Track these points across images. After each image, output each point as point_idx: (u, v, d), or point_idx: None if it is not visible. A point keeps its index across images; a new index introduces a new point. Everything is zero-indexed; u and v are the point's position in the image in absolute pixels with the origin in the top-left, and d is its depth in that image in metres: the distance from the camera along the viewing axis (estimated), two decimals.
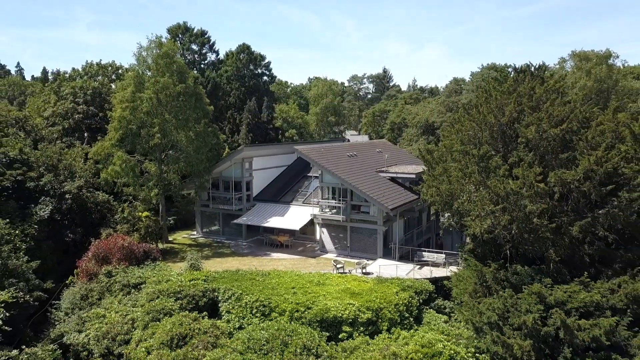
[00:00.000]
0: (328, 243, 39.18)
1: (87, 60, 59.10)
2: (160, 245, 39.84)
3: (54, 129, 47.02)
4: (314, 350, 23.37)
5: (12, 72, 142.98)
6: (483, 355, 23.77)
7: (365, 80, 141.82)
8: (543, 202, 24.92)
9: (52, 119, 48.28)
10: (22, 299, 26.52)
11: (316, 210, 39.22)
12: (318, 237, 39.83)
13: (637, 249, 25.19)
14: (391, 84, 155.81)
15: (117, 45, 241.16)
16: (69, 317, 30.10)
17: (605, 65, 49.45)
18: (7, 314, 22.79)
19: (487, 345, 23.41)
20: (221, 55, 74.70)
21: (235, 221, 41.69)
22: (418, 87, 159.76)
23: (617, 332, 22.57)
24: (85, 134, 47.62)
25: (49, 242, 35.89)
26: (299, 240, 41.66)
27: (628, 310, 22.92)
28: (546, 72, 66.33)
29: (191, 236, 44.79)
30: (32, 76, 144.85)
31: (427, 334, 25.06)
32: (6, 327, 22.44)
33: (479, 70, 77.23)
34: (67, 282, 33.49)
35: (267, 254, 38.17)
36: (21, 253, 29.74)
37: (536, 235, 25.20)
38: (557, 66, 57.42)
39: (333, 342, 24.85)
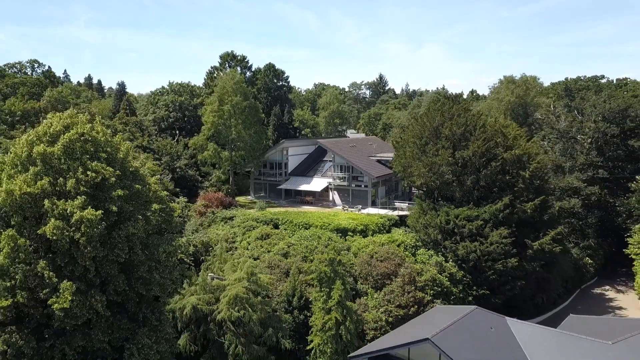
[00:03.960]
0: (337, 200, 62.56)
1: (169, 80, 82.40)
2: None
3: (152, 128, 70.40)
4: (334, 240, 46.82)
5: (60, 77, 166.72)
6: (418, 242, 47.31)
7: (363, 86, 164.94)
8: (452, 168, 48.40)
9: (152, 121, 71.43)
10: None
11: (330, 180, 62.58)
12: (331, 198, 63.18)
13: (501, 192, 48.55)
14: (386, 88, 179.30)
15: (116, 43, 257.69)
16: (193, 235, 53.38)
17: (525, 86, 73.04)
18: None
19: (420, 236, 47.06)
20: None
21: (278, 187, 65.09)
22: (411, 90, 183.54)
23: (485, 230, 46.07)
24: (176, 132, 70.93)
25: None
26: (318, 201, 64.84)
27: (490, 220, 46.38)
28: (491, 87, 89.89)
29: (247, 198, 68.09)
30: (78, 82, 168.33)
31: (392, 234, 48.64)
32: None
33: (429, 93, 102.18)
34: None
35: (299, 206, 61.47)
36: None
37: (448, 185, 48.69)
38: (496, 84, 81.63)
39: (343, 239, 48.28)
